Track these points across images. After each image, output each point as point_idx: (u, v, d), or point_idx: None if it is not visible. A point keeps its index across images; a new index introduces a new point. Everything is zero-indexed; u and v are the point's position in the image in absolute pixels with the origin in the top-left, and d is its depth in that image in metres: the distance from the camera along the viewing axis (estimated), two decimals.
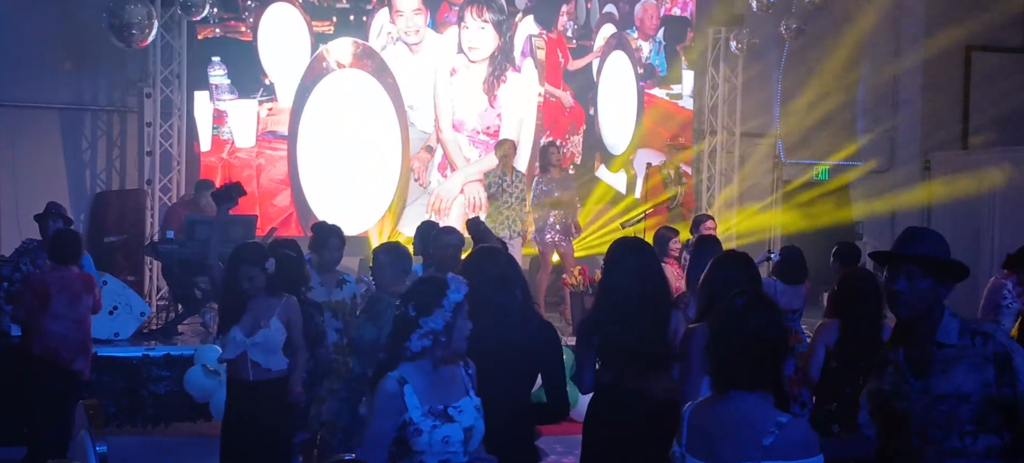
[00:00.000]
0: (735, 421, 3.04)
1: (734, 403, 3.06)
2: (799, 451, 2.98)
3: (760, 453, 2.97)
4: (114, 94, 11.91)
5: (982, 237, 13.68)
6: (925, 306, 3.45)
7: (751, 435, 2.99)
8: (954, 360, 3.43)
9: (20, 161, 11.28)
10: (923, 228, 3.63)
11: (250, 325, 5.72)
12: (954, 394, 3.40)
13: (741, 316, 3.09)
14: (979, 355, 3.41)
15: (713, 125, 14.02)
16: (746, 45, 13.43)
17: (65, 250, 7.25)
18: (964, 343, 3.43)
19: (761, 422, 3.00)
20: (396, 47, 12.33)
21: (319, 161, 12.01)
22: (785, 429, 2.99)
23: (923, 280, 3.43)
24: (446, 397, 3.59)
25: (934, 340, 3.45)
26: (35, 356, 7.07)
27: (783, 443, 2.97)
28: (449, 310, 3.58)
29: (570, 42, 13.31)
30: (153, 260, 11.02)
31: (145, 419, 8.89)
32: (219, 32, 11.73)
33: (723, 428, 3.05)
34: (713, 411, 3.11)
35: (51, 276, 7.18)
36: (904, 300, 3.45)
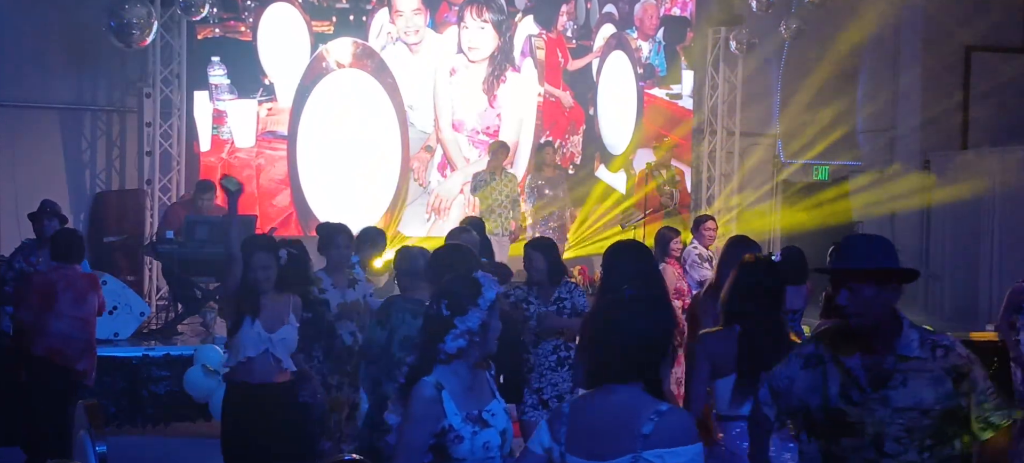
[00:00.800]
0: (613, 413, 3.00)
1: (612, 396, 3.03)
2: (677, 438, 2.93)
3: (640, 443, 2.92)
4: (114, 94, 11.90)
5: (982, 237, 13.67)
6: (874, 315, 3.41)
7: (629, 425, 2.95)
8: (915, 373, 3.40)
9: (20, 161, 11.27)
10: (859, 237, 3.61)
11: (269, 321, 5.51)
12: (915, 407, 3.38)
13: (625, 310, 3.09)
14: (939, 368, 3.39)
15: (713, 125, 14.02)
16: (746, 45, 13.43)
17: (69, 249, 7.18)
18: (925, 355, 3.41)
19: (639, 411, 2.96)
20: (396, 47, 12.33)
21: (319, 161, 12.01)
22: (665, 417, 2.95)
23: (866, 289, 3.39)
24: (480, 402, 3.49)
25: (895, 352, 3.42)
26: (37, 357, 6.99)
27: (662, 431, 2.93)
28: (484, 308, 3.45)
29: (570, 42, 13.30)
30: (153, 260, 11.01)
31: (145, 419, 8.88)
32: (219, 32, 11.73)
33: (601, 421, 3.01)
34: (591, 405, 3.08)
35: (55, 275, 7.11)
36: (850, 312, 3.43)
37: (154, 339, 9.57)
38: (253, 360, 5.45)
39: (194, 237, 9.57)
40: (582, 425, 3.05)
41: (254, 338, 5.44)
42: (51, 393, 6.98)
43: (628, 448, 2.93)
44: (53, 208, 8.33)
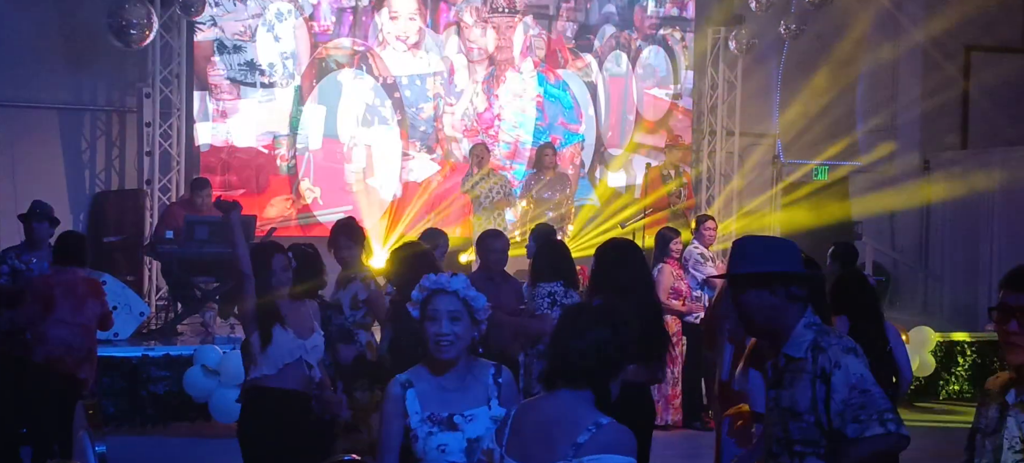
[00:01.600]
0: (554, 419, 3.01)
1: (556, 403, 3.05)
2: (609, 449, 2.93)
3: (573, 450, 2.93)
4: (113, 94, 11.90)
5: (981, 237, 13.68)
6: (760, 319, 3.35)
7: (566, 433, 2.96)
8: (797, 373, 3.28)
9: (19, 161, 11.26)
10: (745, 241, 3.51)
11: (297, 328, 5.35)
12: (790, 409, 3.28)
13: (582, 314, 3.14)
14: (811, 370, 3.24)
15: (712, 125, 14.02)
16: (745, 45, 13.43)
17: (69, 251, 7.01)
18: (807, 357, 3.27)
19: (578, 421, 2.97)
20: (395, 47, 12.33)
21: (319, 161, 12.01)
22: (603, 429, 2.96)
23: (749, 295, 3.34)
24: (457, 404, 3.45)
25: (783, 352, 3.34)
26: (37, 364, 6.81)
27: (597, 442, 2.93)
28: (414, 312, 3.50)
29: (569, 42, 13.30)
30: (152, 260, 11.01)
31: (144, 419, 8.88)
32: (219, 32, 11.73)
33: (541, 427, 3.03)
34: (535, 410, 3.10)
35: (55, 279, 6.93)
36: (741, 315, 3.42)
37: (154, 339, 9.57)
38: (289, 366, 5.30)
39: (193, 237, 9.56)
40: (522, 429, 3.07)
41: (289, 346, 5.28)
42: (53, 403, 6.82)
43: (561, 454, 2.94)
44: (44, 209, 8.20)
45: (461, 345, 3.46)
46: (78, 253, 7.07)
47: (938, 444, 9.02)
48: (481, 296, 3.50)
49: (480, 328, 3.52)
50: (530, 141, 12.83)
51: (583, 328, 3.07)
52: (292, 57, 11.98)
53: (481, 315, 3.48)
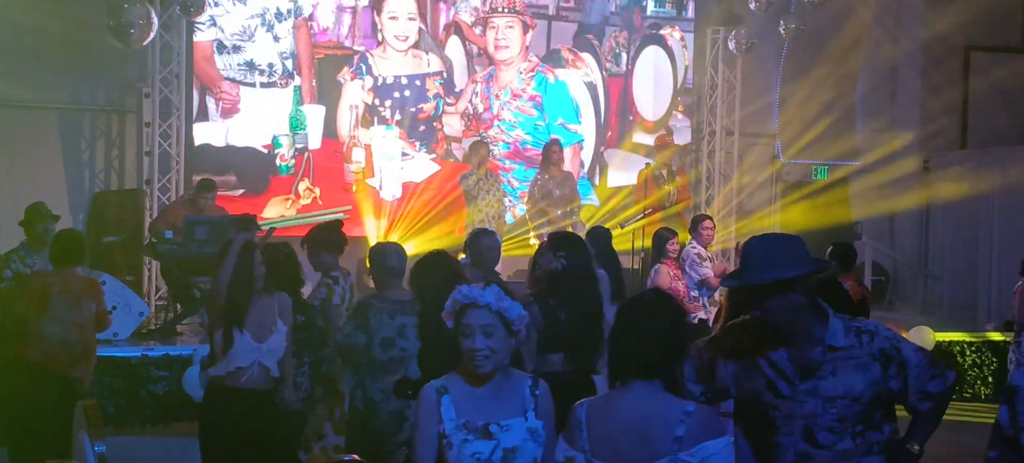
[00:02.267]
0: (642, 416, 3.05)
1: (637, 398, 3.08)
2: (708, 434, 3.01)
3: (675, 445, 2.99)
4: (113, 94, 11.90)
5: (981, 237, 13.68)
6: (790, 320, 3.40)
7: (661, 429, 3.01)
8: (843, 361, 3.40)
9: (19, 161, 11.26)
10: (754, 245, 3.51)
11: (257, 328, 5.40)
12: (845, 395, 3.38)
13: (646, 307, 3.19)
14: (866, 354, 3.40)
15: (712, 125, 14.02)
16: (745, 45, 13.43)
17: (64, 251, 6.97)
18: (850, 343, 3.41)
19: (669, 414, 3.03)
20: (395, 47, 12.33)
21: (319, 161, 12.01)
22: (693, 417, 3.03)
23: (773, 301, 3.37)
24: (493, 413, 3.36)
25: (823, 343, 3.41)
26: (33, 363, 6.75)
27: (693, 430, 3.00)
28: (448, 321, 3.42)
29: (569, 42, 13.30)
30: (152, 260, 11.01)
31: (144, 419, 8.87)
32: (219, 32, 11.73)
33: (627, 424, 3.06)
34: (617, 408, 3.12)
35: (51, 277, 6.91)
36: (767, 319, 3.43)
37: (153, 339, 9.56)
38: (243, 369, 5.39)
39: (193, 237, 9.56)
40: (605, 428, 3.09)
41: (244, 349, 5.36)
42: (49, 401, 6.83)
43: (664, 450, 2.99)
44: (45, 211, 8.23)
45: (498, 359, 3.35)
46: (76, 252, 7.06)
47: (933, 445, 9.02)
48: (516, 305, 3.37)
49: (519, 337, 3.40)
50: (530, 141, 12.82)
51: (645, 320, 3.14)
52: (292, 57, 11.99)
53: (517, 325, 3.36)
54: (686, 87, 13.95)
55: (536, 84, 12.97)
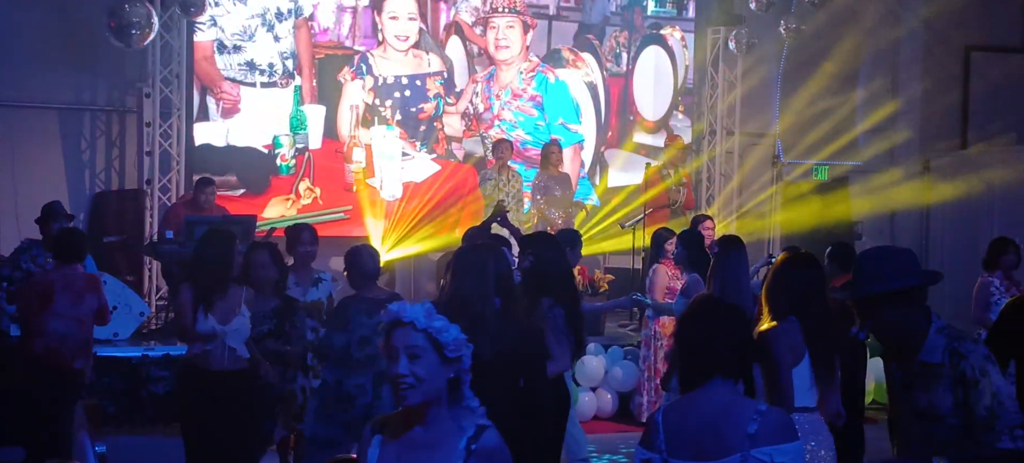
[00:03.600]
0: (715, 415, 3.08)
1: (712, 397, 3.11)
2: (781, 436, 3.03)
3: (747, 442, 3.01)
4: (113, 94, 11.90)
5: (981, 237, 13.65)
6: (902, 328, 3.43)
7: (734, 426, 3.04)
8: (935, 378, 3.39)
9: (19, 161, 11.27)
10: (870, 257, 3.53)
11: (223, 314, 5.73)
12: (931, 413, 3.39)
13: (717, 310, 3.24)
14: (953, 375, 3.36)
15: (712, 125, 14.02)
16: (745, 45, 13.43)
17: (69, 248, 7.14)
18: (944, 361, 3.39)
19: (742, 412, 3.06)
20: (395, 47, 12.33)
21: (319, 161, 12.02)
22: (766, 416, 3.05)
23: (886, 313, 3.41)
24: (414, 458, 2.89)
25: (919, 359, 3.43)
26: (36, 356, 6.95)
27: (766, 429, 3.02)
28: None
29: (569, 42, 13.31)
30: (152, 260, 11.01)
31: (144, 419, 8.88)
32: (219, 32, 11.73)
33: (702, 423, 3.09)
34: (691, 408, 3.14)
35: (55, 275, 7.08)
36: (878, 330, 3.46)
37: (154, 339, 9.57)
38: (209, 352, 5.71)
39: (194, 237, 9.55)
40: (682, 428, 3.12)
41: (208, 331, 5.70)
42: (48, 392, 6.95)
43: (736, 447, 3.02)
44: (60, 209, 8.34)
45: (426, 389, 2.82)
46: (78, 250, 7.20)
47: None
48: (452, 327, 2.87)
49: (458, 365, 2.87)
50: (531, 141, 12.83)
51: (719, 321, 3.17)
52: (292, 57, 12.00)
53: (453, 349, 2.85)
54: (686, 87, 13.96)
55: (536, 84, 12.97)
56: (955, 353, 3.36)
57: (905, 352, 3.46)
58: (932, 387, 3.38)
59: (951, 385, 3.34)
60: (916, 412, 3.42)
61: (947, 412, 3.35)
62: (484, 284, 4.40)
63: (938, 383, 3.37)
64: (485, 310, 4.33)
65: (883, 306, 3.40)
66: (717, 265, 6.15)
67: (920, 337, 3.42)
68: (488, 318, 4.32)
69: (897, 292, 3.40)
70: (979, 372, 3.33)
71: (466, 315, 4.20)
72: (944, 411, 3.35)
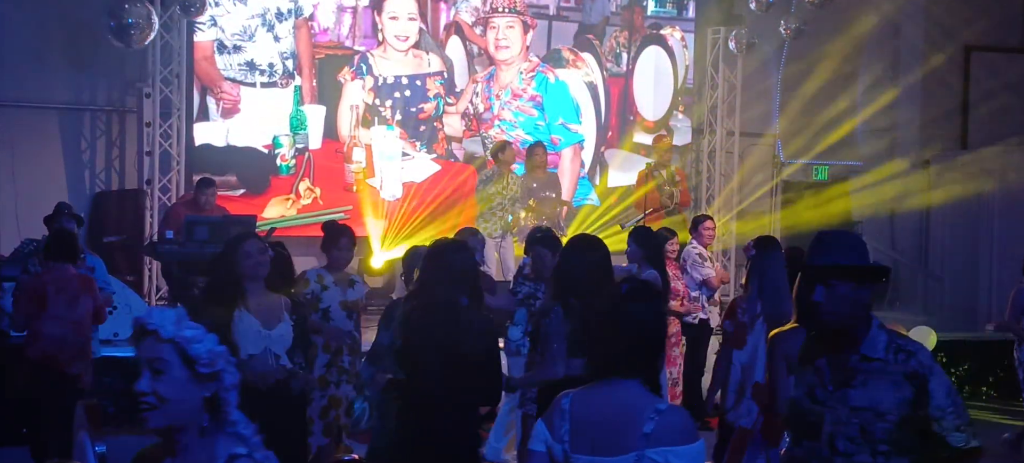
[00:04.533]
0: (614, 409, 3.00)
1: (615, 392, 3.03)
2: (679, 437, 2.94)
3: (642, 441, 2.93)
4: (113, 94, 11.90)
5: (981, 237, 13.69)
6: (848, 313, 3.39)
7: (631, 423, 2.96)
8: (876, 374, 3.35)
9: (19, 161, 11.26)
10: (835, 233, 3.57)
11: (266, 318, 5.40)
12: (870, 409, 3.34)
13: (624, 304, 3.08)
14: (899, 372, 3.34)
15: (712, 125, 14.02)
16: (745, 45, 13.43)
17: (61, 249, 7.06)
18: (887, 358, 3.36)
19: (641, 410, 2.97)
20: (395, 47, 12.33)
21: (319, 161, 12.02)
22: (664, 415, 2.96)
23: (841, 286, 3.37)
24: None
25: (859, 352, 3.39)
26: (32, 361, 6.87)
27: (663, 429, 2.93)
28: None
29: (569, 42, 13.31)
30: (152, 260, 11.01)
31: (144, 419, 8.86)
32: (219, 32, 11.73)
33: (603, 417, 3.01)
34: (595, 401, 3.06)
35: (47, 276, 6.99)
36: (826, 310, 3.39)
37: None
38: (254, 358, 5.32)
39: (194, 237, 9.56)
40: (584, 421, 3.04)
41: (253, 335, 5.32)
42: (47, 398, 6.86)
43: (631, 445, 2.94)
44: (69, 210, 8.30)
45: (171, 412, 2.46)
46: (70, 250, 7.10)
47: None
48: (207, 337, 2.48)
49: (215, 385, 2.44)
50: (531, 141, 12.81)
51: (622, 315, 3.06)
52: (292, 57, 12.00)
53: (205, 364, 2.44)
54: (687, 87, 13.95)
55: (536, 84, 12.97)
56: (901, 350, 3.36)
57: (843, 342, 3.41)
58: (871, 383, 3.34)
59: (896, 382, 3.32)
60: (851, 409, 3.36)
61: (888, 409, 3.32)
62: (453, 282, 4.70)
63: (880, 379, 3.34)
64: (456, 308, 4.66)
65: (840, 279, 3.36)
66: (755, 267, 6.10)
67: (864, 326, 3.40)
68: (464, 316, 4.66)
69: (856, 268, 3.39)
70: (929, 370, 3.33)
71: (437, 313, 4.65)
72: (885, 408, 3.32)
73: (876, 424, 3.34)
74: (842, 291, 3.36)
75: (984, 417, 10.67)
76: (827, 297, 3.37)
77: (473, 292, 4.82)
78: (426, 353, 4.70)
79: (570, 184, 12.83)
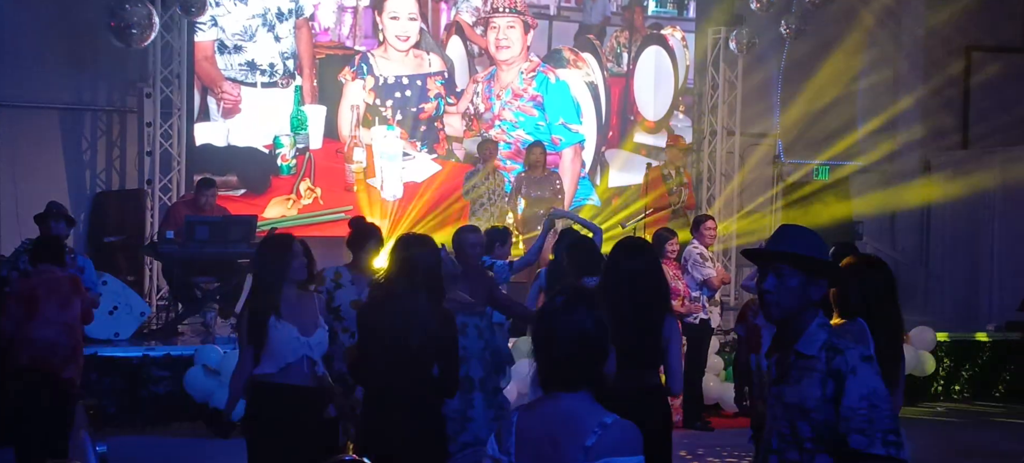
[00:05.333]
0: (559, 422, 2.95)
1: (559, 404, 2.98)
2: (621, 450, 2.89)
3: (582, 454, 2.89)
4: (114, 94, 11.90)
5: (982, 237, 13.68)
6: (795, 306, 3.35)
7: (573, 436, 2.91)
8: (807, 371, 3.31)
9: (20, 161, 11.27)
10: (797, 226, 3.54)
11: (304, 324, 5.25)
12: (798, 405, 3.30)
13: (561, 315, 3.01)
14: (825, 369, 3.27)
15: (713, 125, 14.02)
16: (745, 45, 13.44)
17: (48, 251, 7.02)
18: (819, 355, 3.30)
19: (584, 422, 2.92)
20: (395, 47, 12.34)
21: (319, 161, 12.02)
22: (609, 429, 2.90)
23: (792, 278, 3.33)
24: None
25: (795, 349, 3.36)
26: (23, 367, 6.77)
27: (605, 443, 2.88)
28: None
29: (569, 42, 13.31)
30: (153, 260, 11.02)
31: (145, 419, 8.89)
32: (219, 32, 11.74)
33: (546, 432, 2.96)
34: (538, 416, 3.02)
35: (37, 280, 6.91)
36: (772, 300, 3.36)
37: (154, 339, 9.57)
38: (292, 365, 5.20)
39: (194, 237, 9.57)
40: (528, 435, 3.00)
41: (292, 343, 5.19)
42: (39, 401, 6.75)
43: (571, 459, 2.89)
44: (60, 209, 8.29)
45: None
46: (56, 253, 7.07)
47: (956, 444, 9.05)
48: None
49: None
50: (531, 141, 12.82)
51: (561, 327, 2.99)
52: (293, 57, 12.00)
53: None
54: (687, 87, 13.96)
55: (537, 84, 12.97)
56: (832, 348, 3.28)
57: (786, 337, 3.39)
58: (802, 380, 3.30)
59: (821, 379, 3.26)
60: (784, 405, 3.34)
61: (813, 406, 3.27)
62: (413, 278, 4.80)
63: (809, 376, 3.29)
64: (415, 302, 4.77)
65: (793, 270, 3.34)
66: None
67: (805, 321, 3.35)
68: (418, 310, 4.77)
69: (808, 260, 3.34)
70: (850, 369, 3.23)
71: (396, 307, 4.74)
72: (810, 405, 3.27)
73: (802, 421, 3.29)
74: (792, 283, 3.34)
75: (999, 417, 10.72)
76: (777, 286, 3.35)
77: (433, 287, 4.87)
78: (373, 346, 4.82)
79: (571, 184, 12.82)
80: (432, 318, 4.82)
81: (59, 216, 8.11)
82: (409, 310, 4.77)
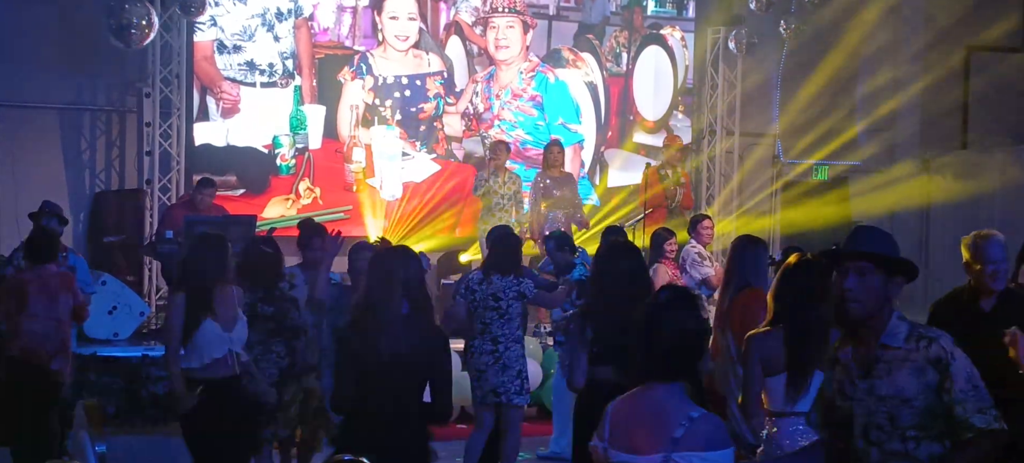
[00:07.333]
0: (651, 413, 3.16)
1: (653, 395, 3.18)
2: (707, 444, 3.08)
3: (670, 444, 3.07)
4: (113, 94, 11.90)
5: None
6: (875, 304, 3.47)
7: (663, 426, 3.11)
8: (899, 362, 3.43)
9: (19, 161, 11.26)
10: (873, 227, 3.68)
11: (225, 320, 5.57)
12: (896, 396, 3.42)
13: (666, 311, 3.21)
14: (922, 358, 3.41)
15: (712, 125, 14.02)
16: (745, 45, 13.43)
17: (40, 250, 7.16)
18: (909, 347, 3.44)
19: (674, 414, 3.12)
20: (395, 47, 12.34)
21: (319, 161, 12.02)
22: (696, 423, 3.10)
23: (874, 277, 3.45)
24: None
25: (879, 342, 3.46)
26: (13, 359, 6.97)
27: (693, 436, 3.08)
28: None
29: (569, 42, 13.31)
30: (152, 260, 11.02)
31: (144, 419, 8.88)
32: (219, 32, 11.74)
33: (639, 418, 3.17)
34: (633, 404, 3.22)
35: (29, 275, 7.10)
36: (854, 297, 3.45)
37: (154, 339, 9.57)
38: (217, 360, 5.54)
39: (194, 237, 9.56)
40: (622, 422, 3.22)
41: (217, 340, 5.52)
42: (31, 396, 6.96)
43: (661, 447, 3.09)
44: (53, 208, 8.35)
45: None
46: (50, 250, 7.21)
47: None
48: None
49: None
50: (531, 141, 12.83)
51: (663, 321, 3.18)
52: (292, 57, 12.00)
53: None
54: (687, 87, 13.96)
55: (536, 84, 12.97)
56: (922, 338, 3.44)
57: (864, 333, 3.49)
58: (894, 371, 3.42)
59: (918, 368, 3.40)
60: (878, 398, 3.44)
61: (912, 395, 3.39)
62: (391, 289, 4.65)
63: (902, 366, 3.42)
64: (390, 314, 4.61)
65: (872, 269, 3.45)
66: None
67: (886, 316, 3.48)
68: (392, 321, 4.60)
69: (890, 260, 3.48)
70: (949, 355, 3.39)
71: (374, 318, 4.64)
72: (909, 394, 3.40)
73: (902, 410, 3.41)
74: (873, 282, 3.45)
75: None
76: (859, 285, 3.45)
77: (416, 300, 4.72)
78: (345, 358, 4.75)
79: None
80: (414, 331, 4.64)
81: (52, 214, 8.22)
82: (384, 321, 4.61)
